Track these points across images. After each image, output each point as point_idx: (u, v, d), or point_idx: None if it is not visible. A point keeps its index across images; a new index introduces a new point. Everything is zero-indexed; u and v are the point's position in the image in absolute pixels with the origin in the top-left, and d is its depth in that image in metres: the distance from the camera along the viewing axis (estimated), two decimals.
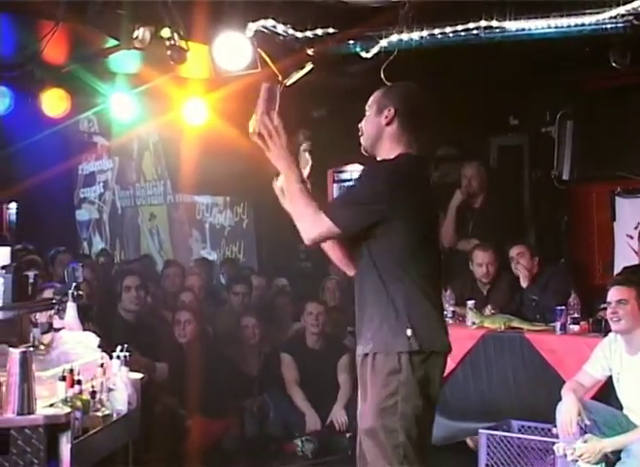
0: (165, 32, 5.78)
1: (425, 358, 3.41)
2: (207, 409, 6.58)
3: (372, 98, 3.68)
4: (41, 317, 4.93)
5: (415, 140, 3.59)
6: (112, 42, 6.09)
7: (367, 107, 3.69)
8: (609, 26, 5.35)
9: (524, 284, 6.62)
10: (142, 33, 5.73)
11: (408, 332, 3.38)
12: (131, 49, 5.90)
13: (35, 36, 6.13)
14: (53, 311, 4.89)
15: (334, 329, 7.40)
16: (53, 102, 7.26)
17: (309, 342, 7.16)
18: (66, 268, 5.22)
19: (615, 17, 5.29)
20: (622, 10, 5.24)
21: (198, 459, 6.12)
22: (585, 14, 5.37)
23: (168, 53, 5.84)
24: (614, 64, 5.76)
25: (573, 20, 5.41)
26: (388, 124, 3.58)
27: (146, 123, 8.84)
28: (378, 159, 3.63)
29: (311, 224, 3.48)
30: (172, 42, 5.79)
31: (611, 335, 5.19)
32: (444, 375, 3.65)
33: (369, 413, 3.50)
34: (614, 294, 5.06)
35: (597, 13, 5.33)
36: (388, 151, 3.59)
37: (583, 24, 5.40)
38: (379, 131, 3.62)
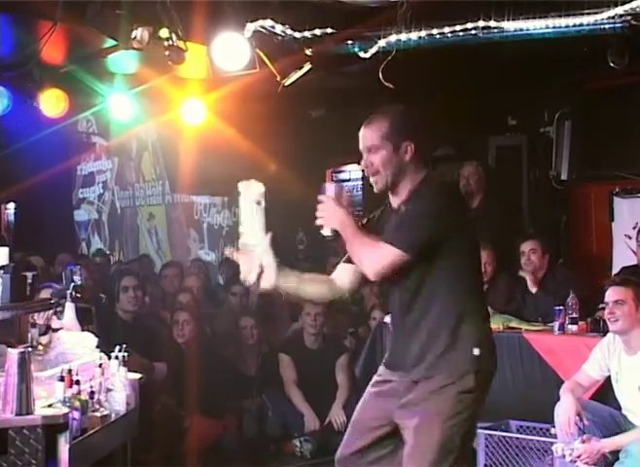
0: (164, 32, 5.78)
1: (488, 378, 3.48)
2: (206, 409, 6.58)
3: (376, 135, 3.55)
4: (39, 319, 4.93)
5: (426, 157, 3.60)
6: (110, 42, 6.09)
7: (369, 145, 3.56)
8: (607, 26, 5.35)
9: (532, 283, 6.61)
10: (140, 33, 5.72)
11: (476, 351, 3.39)
12: (130, 49, 5.89)
13: (33, 36, 6.14)
14: (51, 312, 4.89)
15: (332, 329, 7.40)
16: (52, 102, 7.25)
17: (308, 343, 7.16)
18: (64, 269, 5.22)
19: (613, 18, 5.29)
20: (620, 10, 5.24)
21: (197, 459, 6.12)
22: (583, 14, 5.37)
23: (167, 53, 5.84)
24: (612, 64, 5.76)
25: (571, 21, 5.41)
26: (410, 159, 3.51)
27: (145, 123, 8.84)
28: (402, 190, 3.55)
29: (374, 257, 3.39)
30: (171, 42, 5.79)
31: (609, 335, 5.19)
32: None
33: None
34: (612, 294, 5.07)
35: (595, 13, 5.33)
36: (412, 180, 3.52)
37: (581, 24, 5.40)
38: (402, 168, 3.52)
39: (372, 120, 3.59)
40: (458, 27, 5.63)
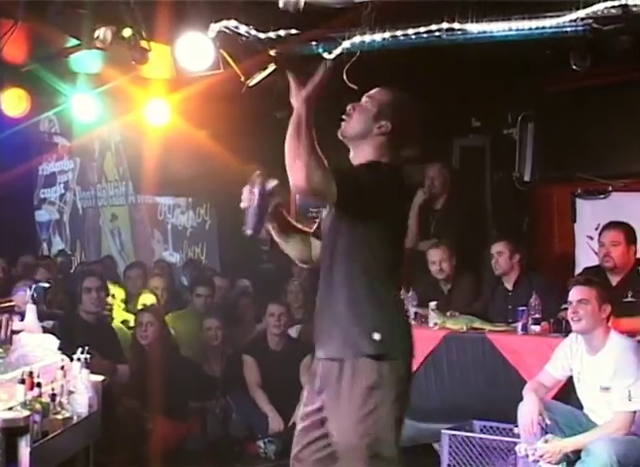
0: (127, 32, 5.74)
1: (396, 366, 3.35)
2: (169, 411, 6.54)
3: (376, 96, 3.68)
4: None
5: (397, 157, 3.62)
6: (73, 41, 6.04)
7: (366, 98, 3.67)
8: (569, 29, 5.40)
9: (508, 284, 6.65)
10: (103, 33, 5.69)
11: (376, 336, 3.28)
12: (93, 49, 5.86)
13: None
14: (5, 316, 4.83)
15: (296, 330, 7.40)
16: (13, 102, 7.18)
17: (271, 344, 7.15)
18: (35, 288, 5.18)
19: (575, 21, 5.33)
20: (581, 13, 5.28)
21: (160, 461, 6.08)
22: (545, 17, 5.41)
23: (130, 53, 5.81)
24: (574, 67, 5.80)
25: (534, 23, 5.44)
26: (380, 134, 3.57)
27: (108, 123, 8.79)
28: (352, 159, 3.59)
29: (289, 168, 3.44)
30: (134, 42, 5.76)
31: (572, 335, 5.23)
32: None
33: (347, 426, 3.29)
34: (575, 294, 5.10)
35: (558, 16, 5.37)
36: (365, 156, 3.56)
37: (544, 27, 5.44)
38: (368, 134, 3.59)
39: (379, 91, 3.74)
40: (422, 29, 5.64)
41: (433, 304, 6.40)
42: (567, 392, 5.32)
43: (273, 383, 7.01)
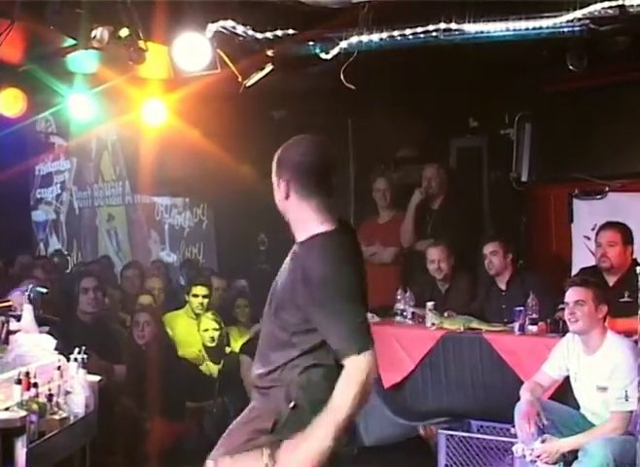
0: (124, 32, 5.73)
1: None
2: (166, 411, 6.54)
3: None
4: None
5: (321, 205, 3.11)
6: (70, 41, 6.03)
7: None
8: (566, 30, 5.40)
9: (501, 283, 6.65)
10: (100, 33, 5.68)
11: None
12: (90, 48, 5.84)
13: None
14: (1, 318, 4.82)
15: None
16: (10, 102, 7.17)
17: None
18: (32, 289, 5.17)
19: (572, 21, 5.34)
20: (578, 14, 5.29)
21: (157, 461, 6.08)
22: (542, 17, 5.41)
23: (127, 53, 5.80)
24: (571, 67, 5.81)
25: (531, 24, 5.45)
26: (286, 197, 3.15)
27: (104, 123, 8.78)
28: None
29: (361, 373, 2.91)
30: (131, 42, 5.75)
31: (569, 335, 5.23)
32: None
33: None
34: (572, 295, 5.11)
35: (555, 16, 5.37)
36: (305, 228, 3.13)
37: (540, 28, 5.44)
38: (283, 207, 3.20)
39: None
40: (419, 29, 5.64)
41: (430, 304, 6.41)
42: (564, 392, 5.32)
43: None
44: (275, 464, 3.06)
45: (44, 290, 5.25)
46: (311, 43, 6.14)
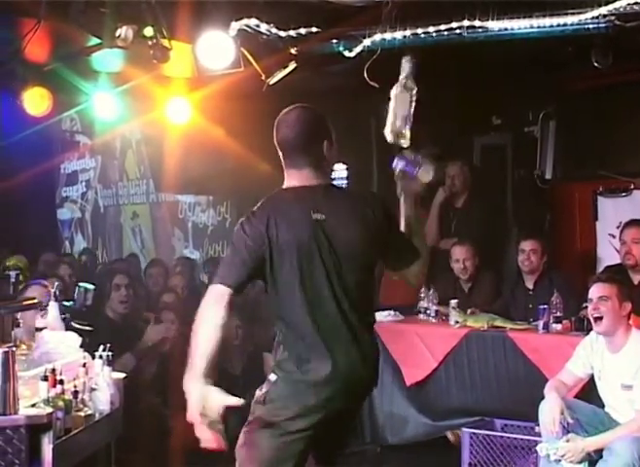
0: (148, 31, 5.76)
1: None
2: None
3: None
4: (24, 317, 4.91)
5: (297, 170, 3.52)
6: (94, 40, 6.06)
7: None
8: (591, 26, 5.37)
9: (529, 282, 6.63)
10: (125, 32, 5.71)
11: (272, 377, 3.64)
12: (114, 47, 5.87)
13: (17, 34, 6.10)
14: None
15: None
16: (35, 101, 7.21)
17: None
18: (78, 287, 5.19)
19: (597, 18, 5.31)
20: (603, 10, 5.25)
21: (181, 459, 6.09)
22: (567, 14, 5.39)
23: (151, 51, 5.82)
24: (596, 64, 5.78)
25: (555, 20, 5.42)
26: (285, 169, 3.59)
27: (129, 121, 8.82)
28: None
29: (207, 297, 3.47)
30: (155, 41, 5.77)
31: (592, 333, 5.20)
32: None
33: None
34: (596, 291, 5.08)
35: (579, 13, 5.34)
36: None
37: (565, 24, 5.41)
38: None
39: None
40: (443, 27, 5.63)
41: (454, 302, 6.39)
42: (588, 391, 5.29)
43: None
44: None
45: (91, 286, 5.25)
46: (335, 41, 6.14)
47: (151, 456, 5.97)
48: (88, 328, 4.93)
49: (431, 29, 5.67)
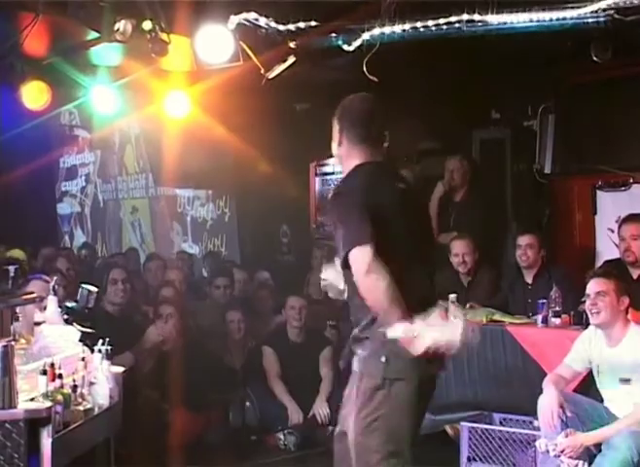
0: (147, 25, 5.75)
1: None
2: (190, 402, 6.56)
3: None
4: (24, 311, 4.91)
5: (369, 149, 3.67)
6: (93, 34, 6.06)
7: None
8: (590, 20, 5.37)
9: (528, 276, 6.63)
10: (123, 26, 5.70)
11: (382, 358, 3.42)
12: (113, 41, 5.87)
13: (15, 28, 6.10)
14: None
15: (316, 322, 7.40)
16: (34, 95, 7.21)
17: (291, 336, 7.16)
18: (81, 288, 5.19)
19: (596, 12, 5.30)
20: (603, 4, 5.25)
21: (181, 453, 6.11)
22: (566, 8, 5.38)
23: (150, 45, 5.82)
24: (595, 58, 5.77)
25: (555, 14, 5.41)
26: (339, 145, 3.71)
27: (128, 116, 8.81)
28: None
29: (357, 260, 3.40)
30: (154, 35, 5.77)
31: (591, 327, 5.20)
32: None
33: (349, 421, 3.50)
34: (593, 286, 5.08)
35: (579, 7, 5.34)
36: (348, 165, 3.71)
37: (564, 18, 5.41)
38: (337, 155, 3.77)
39: None
40: (442, 21, 5.63)
41: (452, 296, 6.38)
42: (587, 385, 5.30)
43: (293, 375, 7.03)
44: None
45: (94, 289, 5.23)
46: (334, 35, 6.13)
47: (150, 450, 5.98)
48: (89, 330, 4.91)
49: (430, 23, 5.66)
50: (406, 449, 3.43)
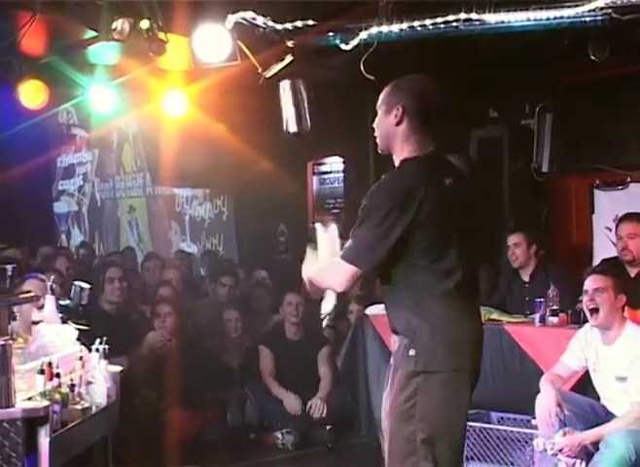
0: (144, 24, 5.75)
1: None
2: (188, 401, 6.57)
3: (381, 96, 3.54)
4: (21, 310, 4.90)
5: (425, 138, 3.52)
6: (91, 33, 6.06)
7: (377, 106, 3.56)
8: (588, 19, 5.36)
9: (524, 275, 6.63)
10: (121, 25, 5.70)
11: (412, 352, 3.35)
12: (110, 40, 5.87)
13: (13, 27, 6.10)
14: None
15: (314, 320, 7.40)
16: (32, 94, 7.20)
17: (289, 334, 7.17)
18: (74, 286, 5.19)
19: (594, 11, 5.30)
20: (601, 3, 5.25)
21: (178, 452, 6.11)
22: (564, 7, 5.38)
23: (147, 44, 5.82)
24: (593, 58, 5.77)
25: (552, 13, 5.41)
26: (398, 123, 3.48)
27: (125, 115, 8.82)
28: (395, 158, 3.54)
29: (333, 275, 3.39)
30: (151, 34, 5.77)
31: (587, 326, 5.20)
32: None
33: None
34: (591, 283, 5.08)
35: (576, 6, 5.34)
36: (400, 151, 3.50)
37: (562, 17, 5.41)
38: (391, 132, 3.51)
39: (383, 90, 3.60)
40: (440, 20, 5.62)
41: None
42: (584, 383, 5.30)
43: (291, 373, 7.02)
44: None
45: (86, 285, 5.23)
46: (331, 34, 6.13)
47: (148, 449, 5.98)
48: (84, 327, 4.90)
49: (427, 22, 5.66)
50: (439, 439, 3.36)
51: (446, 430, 3.39)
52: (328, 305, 3.74)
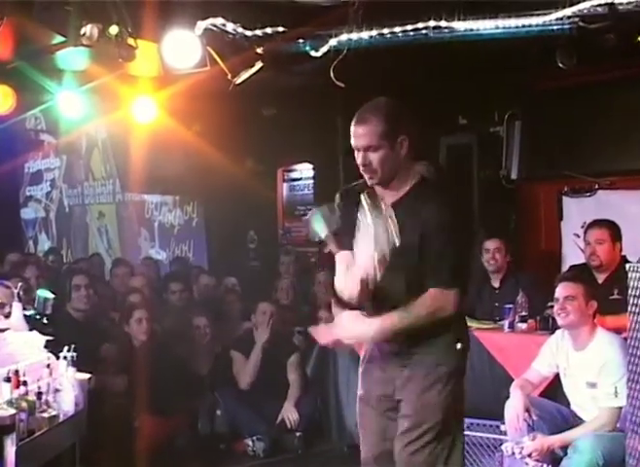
0: (114, 29, 5.71)
1: None
2: (157, 408, 6.52)
3: (374, 135, 3.48)
4: None
5: (417, 151, 3.63)
6: (59, 38, 6.01)
7: (371, 145, 3.49)
8: (555, 28, 5.41)
9: (495, 281, 6.66)
10: (90, 30, 5.66)
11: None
12: (79, 46, 5.82)
13: None
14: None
15: (283, 328, 7.39)
16: None
17: (259, 341, 7.14)
18: (37, 296, 5.14)
19: (561, 19, 5.35)
20: (568, 12, 5.30)
21: (148, 459, 6.07)
22: (532, 15, 5.43)
23: (117, 50, 5.79)
24: (560, 65, 5.83)
25: (520, 21, 5.46)
26: (406, 154, 3.57)
27: (94, 121, 8.77)
28: (396, 185, 3.61)
29: (444, 306, 3.61)
30: (120, 39, 5.73)
31: (558, 332, 5.24)
32: None
33: None
34: (562, 290, 5.12)
35: (544, 14, 5.39)
36: (405, 175, 3.63)
37: (530, 25, 5.45)
38: (398, 163, 3.57)
39: (365, 117, 3.50)
40: (409, 27, 5.65)
41: None
42: (554, 389, 5.33)
43: (260, 381, 7.00)
44: None
45: (50, 295, 5.17)
46: (301, 40, 6.13)
47: (116, 457, 5.94)
48: (49, 338, 4.87)
49: (397, 29, 5.68)
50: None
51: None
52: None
